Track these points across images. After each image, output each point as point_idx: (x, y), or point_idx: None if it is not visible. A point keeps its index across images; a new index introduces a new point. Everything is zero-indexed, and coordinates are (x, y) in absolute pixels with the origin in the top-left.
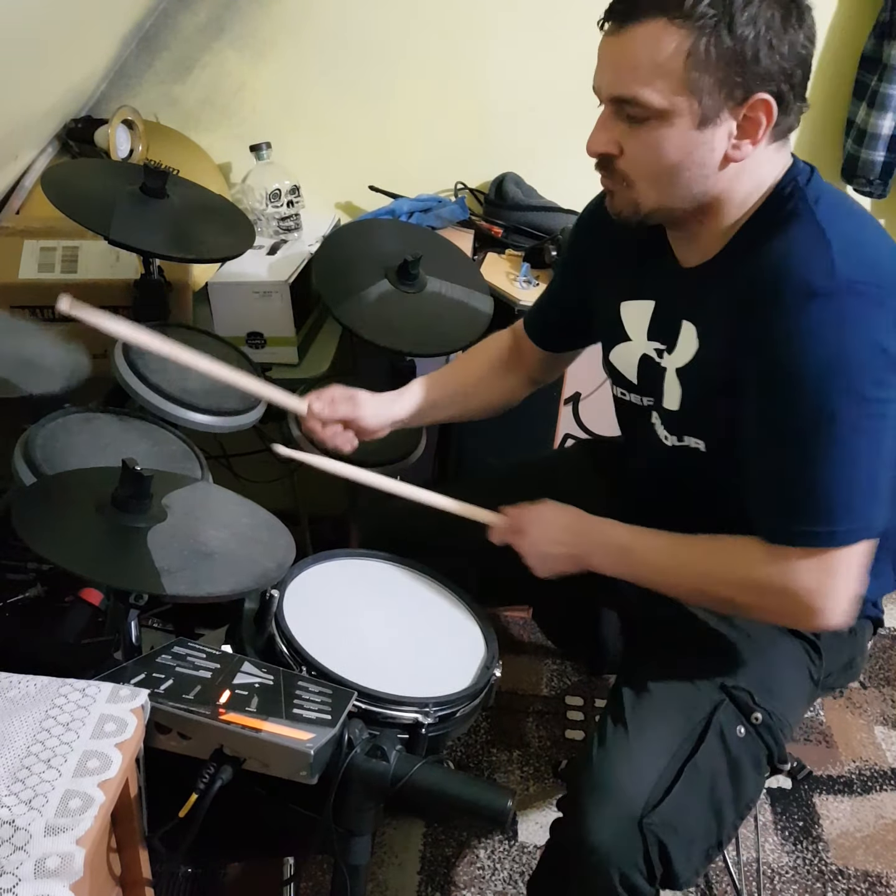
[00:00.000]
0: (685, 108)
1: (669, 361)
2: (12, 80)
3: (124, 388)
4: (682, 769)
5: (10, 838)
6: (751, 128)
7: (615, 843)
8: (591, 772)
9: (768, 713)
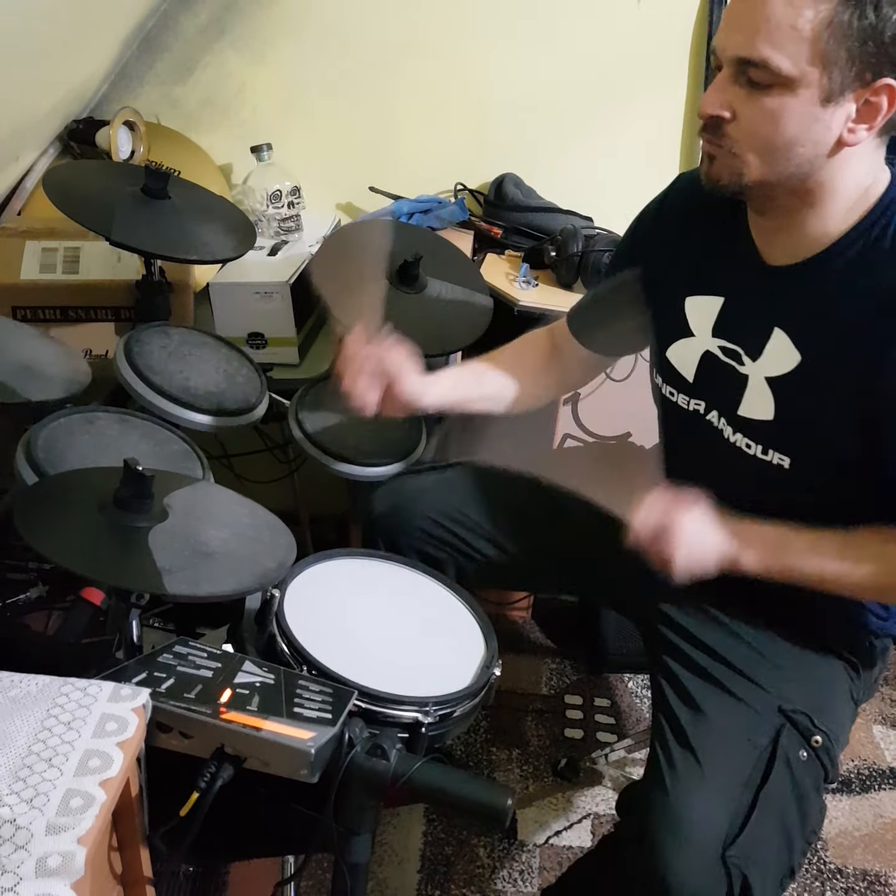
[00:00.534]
0: (814, 80)
1: (755, 369)
2: (14, 81)
3: (126, 389)
4: (756, 799)
5: (11, 837)
6: (870, 113)
7: (697, 880)
8: (667, 800)
9: (826, 735)
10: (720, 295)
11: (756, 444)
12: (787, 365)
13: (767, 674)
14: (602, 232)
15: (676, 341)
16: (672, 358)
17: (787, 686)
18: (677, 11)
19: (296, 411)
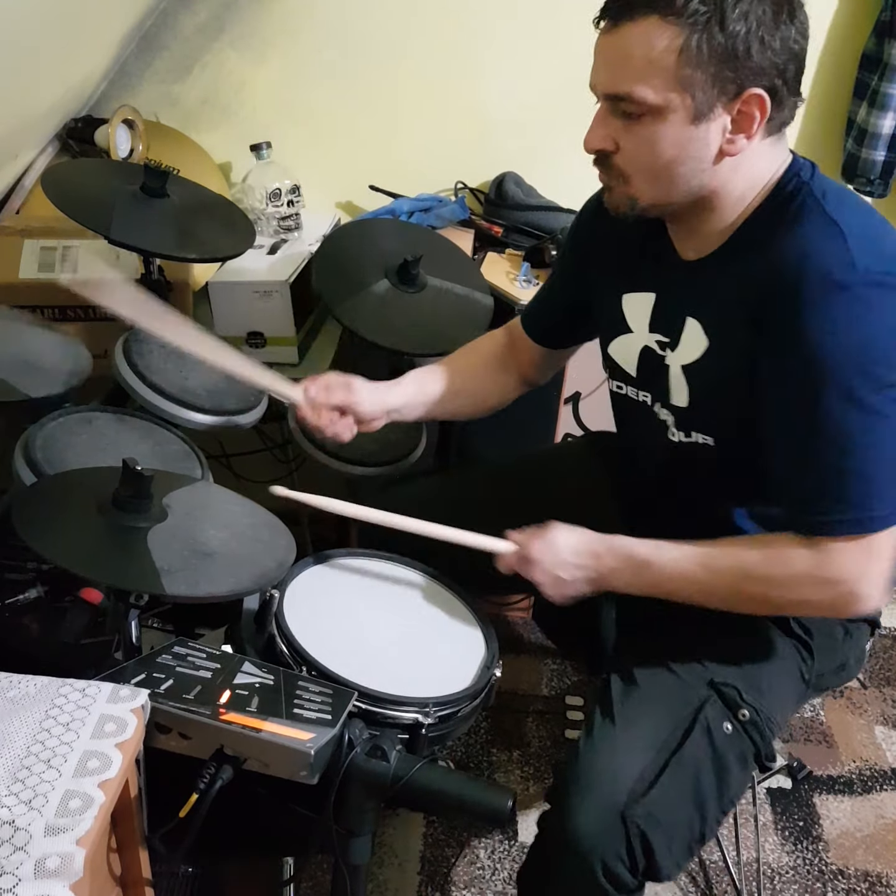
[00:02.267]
0: (679, 104)
1: (673, 358)
2: (12, 80)
3: (124, 388)
4: (668, 763)
5: (10, 838)
6: (745, 122)
7: (598, 834)
8: (577, 763)
9: (756, 710)
10: (652, 291)
11: (678, 430)
12: (698, 352)
13: (708, 649)
14: None
15: (616, 337)
16: (613, 354)
17: (725, 660)
18: None
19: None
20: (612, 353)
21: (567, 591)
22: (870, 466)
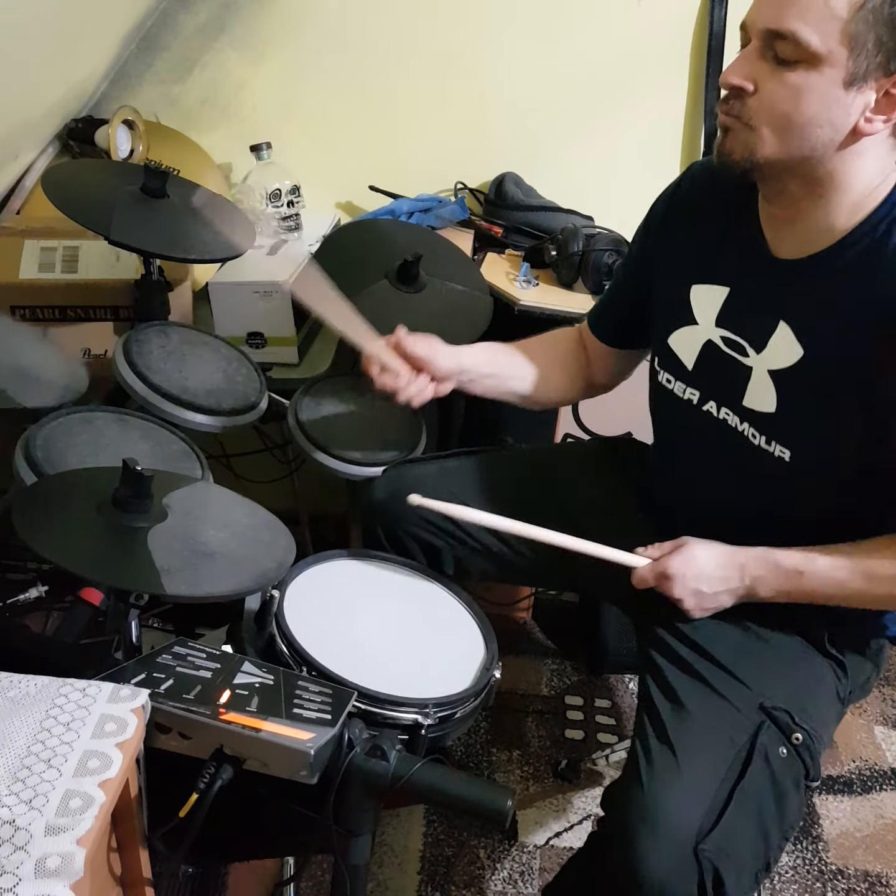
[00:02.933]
0: (840, 60)
1: (759, 361)
2: (13, 80)
3: (124, 388)
4: (732, 794)
5: (10, 838)
6: (889, 105)
7: (669, 872)
8: (643, 795)
9: (807, 733)
10: (726, 285)
11: (760, 434)
12: (790, 359)
13: (751, 671)
14: (603, 231)
15: (679, 328)
16: (673, 345)
17: (770, 683)
18: (678, 11)
19: (295, 411)
20: (672, 344)
21: (708, 604)
22: None
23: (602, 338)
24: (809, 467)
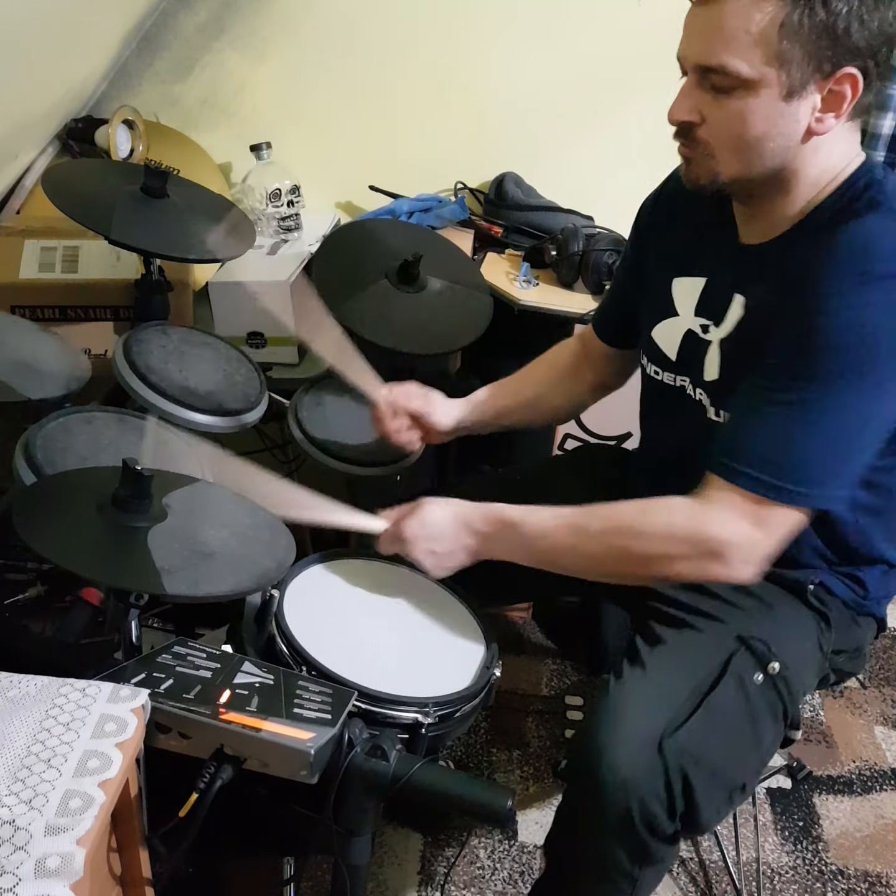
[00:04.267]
0: (773, 79)
1: (715, 334)
2: (12, 80)
3: (124, 388)
4: (701, 703)
5: (10, 838)
6: (836, 101)
7: (633, 768)
8: (608, 700)
9: (784, 665)
10: (704, 276)
11: (710, 405)
12: (733, 325)
13: (731, 612)
14: (603, 231)
15: (662, 321)
16: (657, 337)
17: (750, 620)
18: (678, 10)
19: (295, 411)
20: (655, 337)
21: (446, 563)
22: (822, 446)
23: (604, 339)
24: None
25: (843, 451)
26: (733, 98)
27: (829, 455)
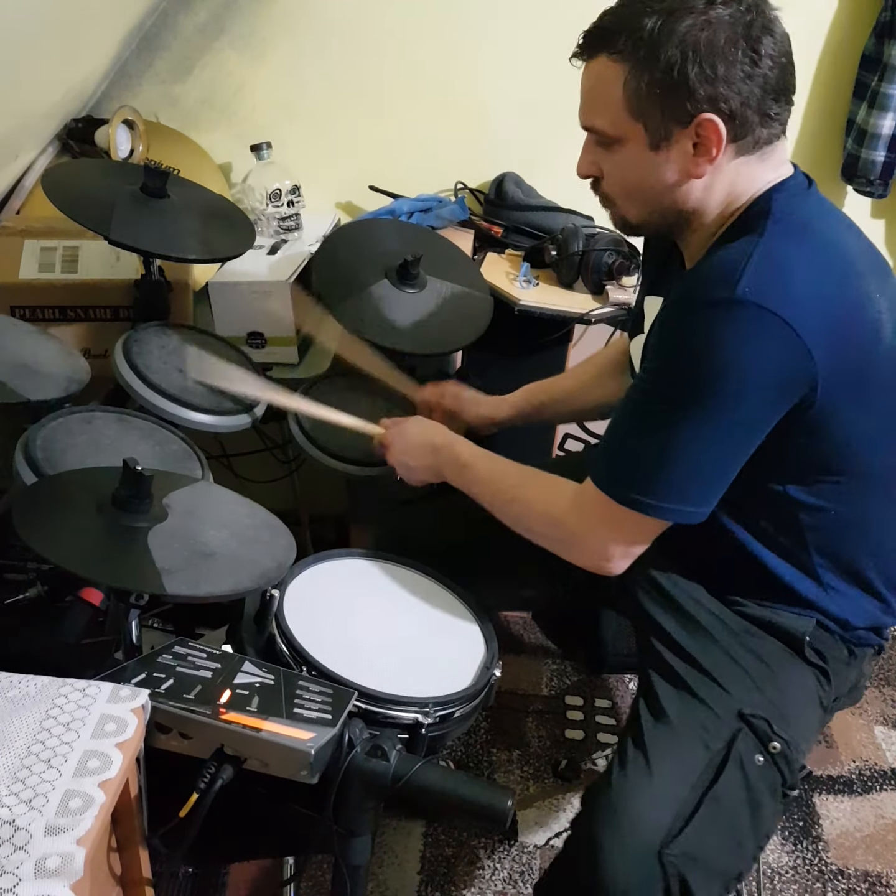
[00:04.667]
0: (634, 133)
1: None
2: (13, 80)
3: (125, 388)
4: (703, 799)
5: (10, 838)
6: (705, 147)
7: (633, 877)
8: (609, 797)
9: (786, 742)
10: (661, 296)
11: None
12: None
13: (734, 677)
14: (603, 231)
15: (636, 337)
16: (632, 351)
17: (752, 690)
18: None
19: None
20: (631, 352)
21: (415, 476)
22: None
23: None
24: None
25: (688, 472)
26: (612, 152)
27: (673, 473)
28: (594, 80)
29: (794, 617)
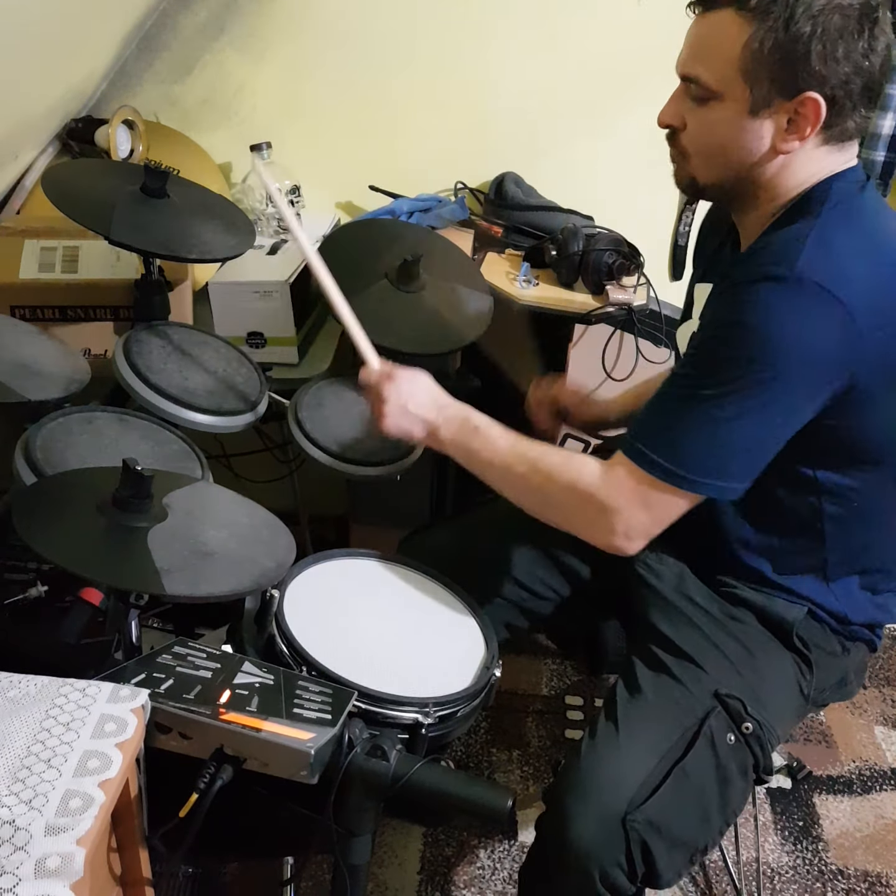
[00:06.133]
0: (738, 94)
1: None
2: (12, 80)
3: (125, 388)
4: (671, 771)
5: (10, 838)
6: (800, 124)
7: (597, 840)
8: (578, 767)
9: (759, 723)
10: (712, 282)
11: None
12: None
13: (713, 659)
14: (603, 231)
15: (683, 324)
16: (679, 339)
17: (730, 672)
18: (678, 10)
19: (295, 411)
20: (677, 338)
21: (403, 423)
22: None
23: None
24: None
25: (732, 447)
26: (706, 108)
27: (717, 448)
28: (711, 30)
29: (787, 604)
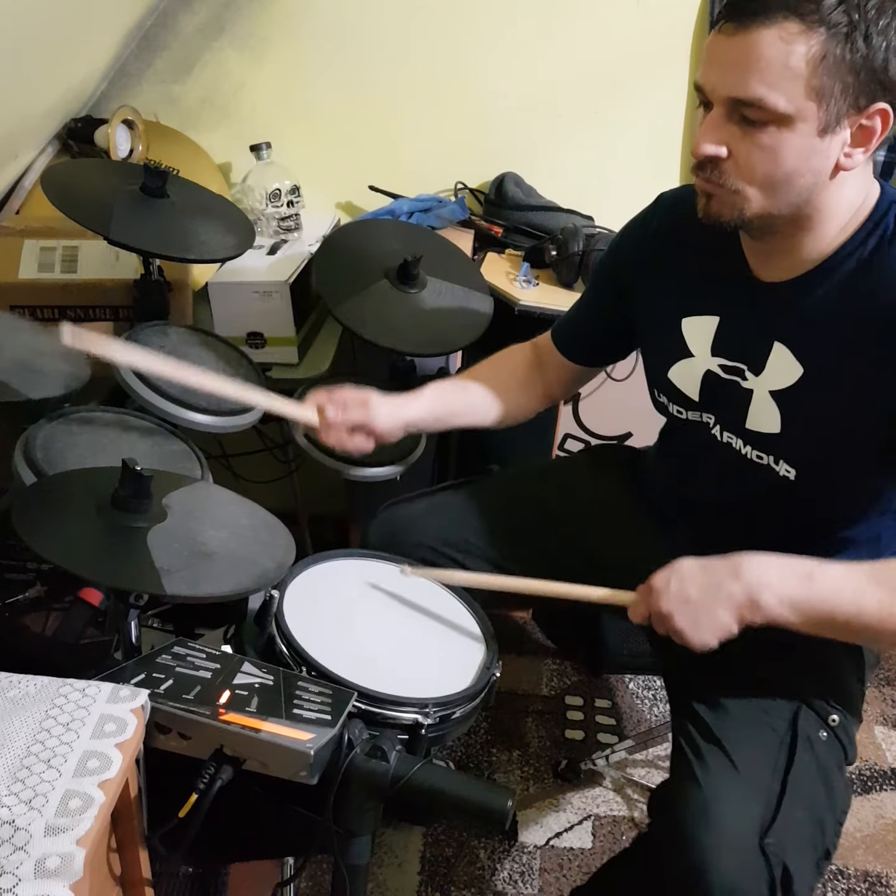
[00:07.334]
0: (811, 114)
1: (759, 383)
2: (12, 80)
3: (124, 388)
4: (785, 782)
5: (10, 838)
6: (865, 136)
7: (738, 872)
8: (701, 794)
9: (843, 713)
10: (715, 314)
11: (767, 455)
12: (791, 378)
13: (777, 663)
14: (603, 231)
15: (677, 362)
16: (674, 379)
17: (799, 669)
18: (678, 11)
19: None
20: (672, 378)
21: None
22: None
23: (571, 357)
24: (814, 486)
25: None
26: (765, 132)
27: None
28: (772, 46)
29: None
